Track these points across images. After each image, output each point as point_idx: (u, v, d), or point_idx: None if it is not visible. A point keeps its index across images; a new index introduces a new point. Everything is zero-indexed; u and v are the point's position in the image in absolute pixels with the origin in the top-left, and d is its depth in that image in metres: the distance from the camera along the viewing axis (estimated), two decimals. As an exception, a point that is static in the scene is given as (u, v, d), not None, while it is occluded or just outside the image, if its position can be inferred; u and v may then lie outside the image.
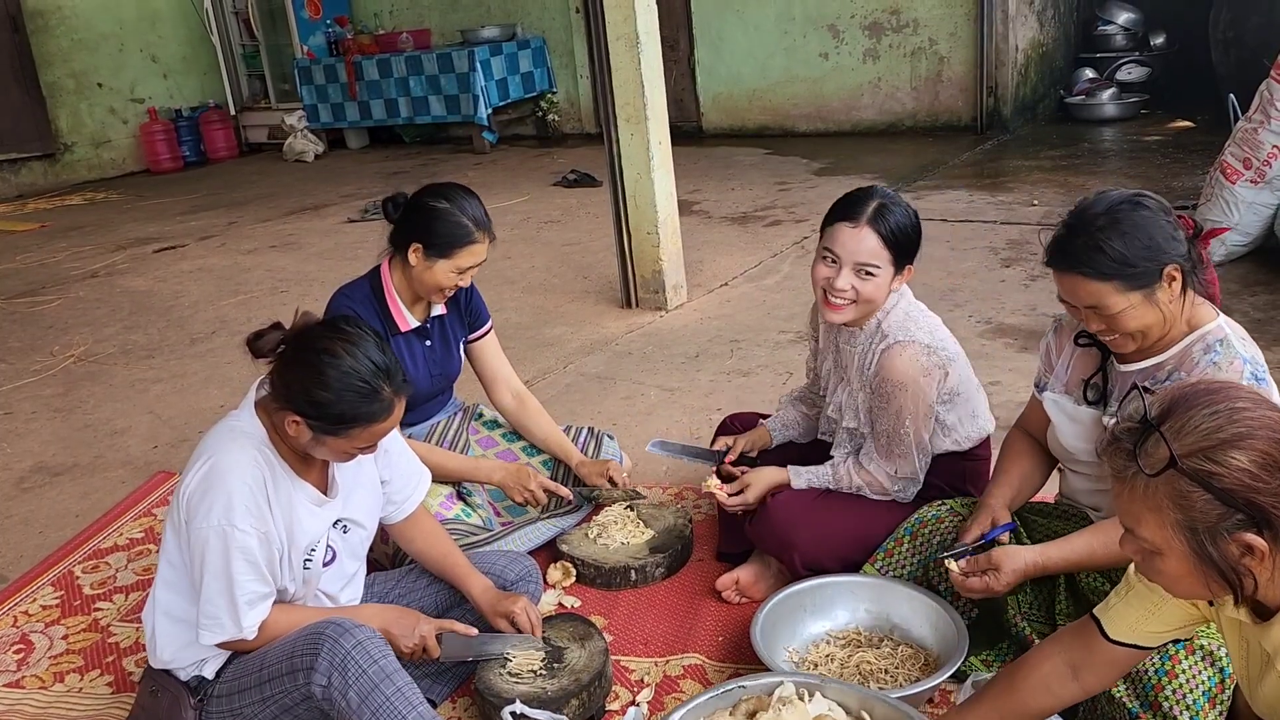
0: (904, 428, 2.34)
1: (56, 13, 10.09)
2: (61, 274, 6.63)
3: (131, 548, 3.12)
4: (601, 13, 4.43)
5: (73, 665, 2.58)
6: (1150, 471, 1.29)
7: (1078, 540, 1.99)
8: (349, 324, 1.94)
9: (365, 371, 1.86)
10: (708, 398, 3.79)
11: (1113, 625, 1.59)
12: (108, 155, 10.58)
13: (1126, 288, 1.84)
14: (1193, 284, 1.89)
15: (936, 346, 2.33)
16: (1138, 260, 1.83)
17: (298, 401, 1.87)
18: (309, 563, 2.03)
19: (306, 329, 1.93)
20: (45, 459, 3.88)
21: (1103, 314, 1.88)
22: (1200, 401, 1.30)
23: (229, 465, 1.90)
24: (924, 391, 2.32)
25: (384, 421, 1.91)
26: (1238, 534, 1.26)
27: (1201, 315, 1.93)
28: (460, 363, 2.95)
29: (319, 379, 1.85)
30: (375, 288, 2.73)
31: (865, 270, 2.29)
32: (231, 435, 1.95)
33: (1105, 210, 1.87)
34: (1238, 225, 4.47)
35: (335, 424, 1.87)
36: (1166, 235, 1.85)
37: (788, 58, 8.95)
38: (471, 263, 2.63)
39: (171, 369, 4.69)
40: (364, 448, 1.95)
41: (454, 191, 2.65)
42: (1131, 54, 8.60)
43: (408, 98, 9.88)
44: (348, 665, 1.85)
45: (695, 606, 2.55)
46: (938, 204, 6.21)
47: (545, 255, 5.99)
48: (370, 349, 1.89)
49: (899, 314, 2.37)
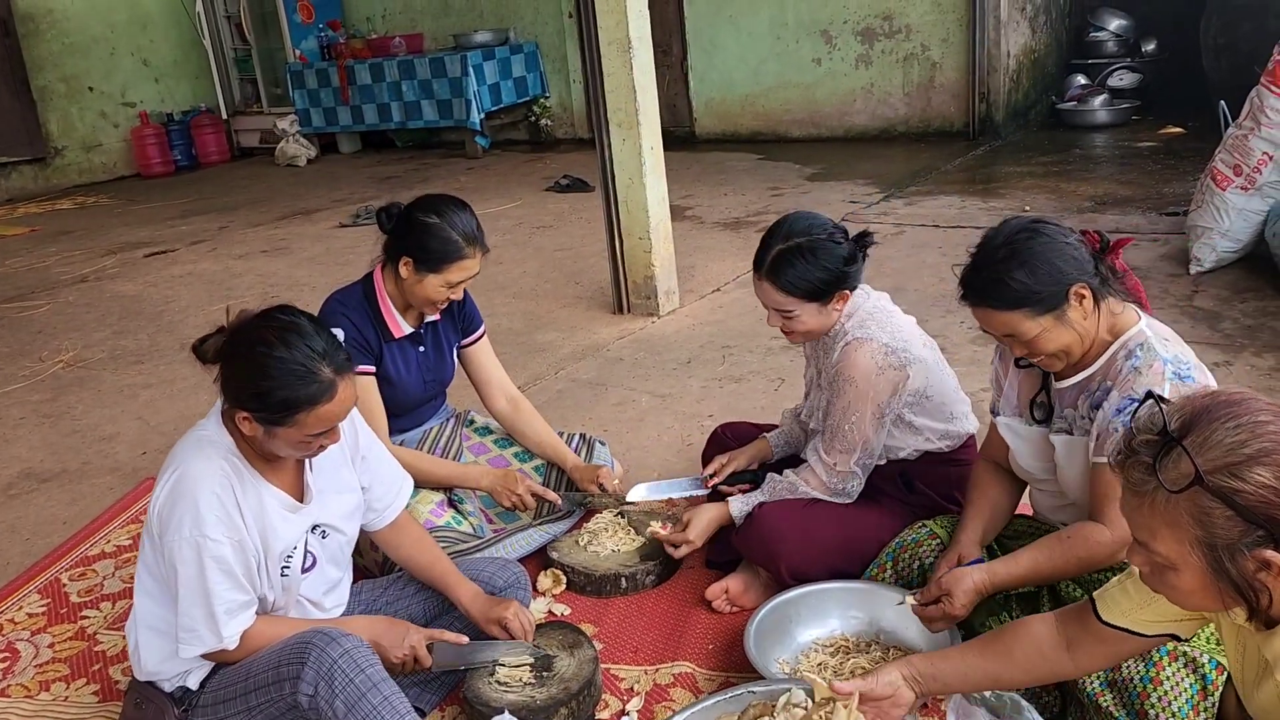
0: (848, 422, 2.35)
1: (47, 16, 10.07)
2: (51, 279, 6.61)
3: (119, 555, 3.10)
4: (594, 18, 4.43)
5: (59, 674, 2.56)
6: (1173, 488, 1.27)
7: (1024, 555, 2.02)
8: (282, 312, 1.92)
9: (300, 355, 1.84)
10: (699, 404, 3.79)
11: (1105, 608, 1.60)
12: (98, 159, 10.56)
13: (1035, 313, 1.90)
14: (1107, 297, 1.95)
15: (896, 347, 2.33)
16: (1041, 286, 1.89)
17: (242, 397, 1.87)
18: (287, 570, 2.01)
19: (242, 325, 1.91)
20: (33, 465, 3.85)
21: (1020, 340, 1.94)
22: (1222, 414, 1.28)
23: (196, 475, 1.89)
24: (875, 389, 2.32)
25: (328, 403, 1.87)
26: (1257, 550, 1.25)
27: (1124, 322, 1.97)
28: (454, 368, 2.94)
29: (255, 369, 1.84)
30: (369, 294, 2.72)
31: (784, 314, 2.36)
32: (198, 445, 1.94)
33: (1004, 242, 1.94)
34: (1228, 232, 4.48)
35: (279, 412, 1.85)
36: (1067, 257, 1.91)
37: (780, 63, 8.96)
38: (461, 278, 2.63)
39: (161, 374, 4.67)
40: (319, 434, 1.91)
41: (446, 206, 2.63)
42: (1123, 60, 8.63)
43: (400, 102, 9.87)
44: (334, 674, 1.84)
45: (686, 614, 2.53)
46: (930, 210, 6.22)
47: (537, 260, 5.98)
48: (304, 332, 1.87)
49: (862, 314, 2.39)
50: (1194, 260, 4.60)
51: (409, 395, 2.81)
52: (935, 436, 2.44)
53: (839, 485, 2.43)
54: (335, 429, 1.94)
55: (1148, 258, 4.90)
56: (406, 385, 2.77)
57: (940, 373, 2.43)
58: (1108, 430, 1.89)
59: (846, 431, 2.36)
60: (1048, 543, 2.00)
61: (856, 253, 2.36)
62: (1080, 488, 2.04)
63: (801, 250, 2.30)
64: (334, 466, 2.10)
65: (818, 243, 2.31)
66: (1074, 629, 1.65)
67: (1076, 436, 2.01)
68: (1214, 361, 3.67)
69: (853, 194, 6.83)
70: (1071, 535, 1.97)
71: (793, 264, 2.30)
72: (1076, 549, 1.94)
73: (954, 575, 2.04)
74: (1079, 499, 2.07)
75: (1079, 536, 1.95)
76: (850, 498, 2.44)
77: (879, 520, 2.44)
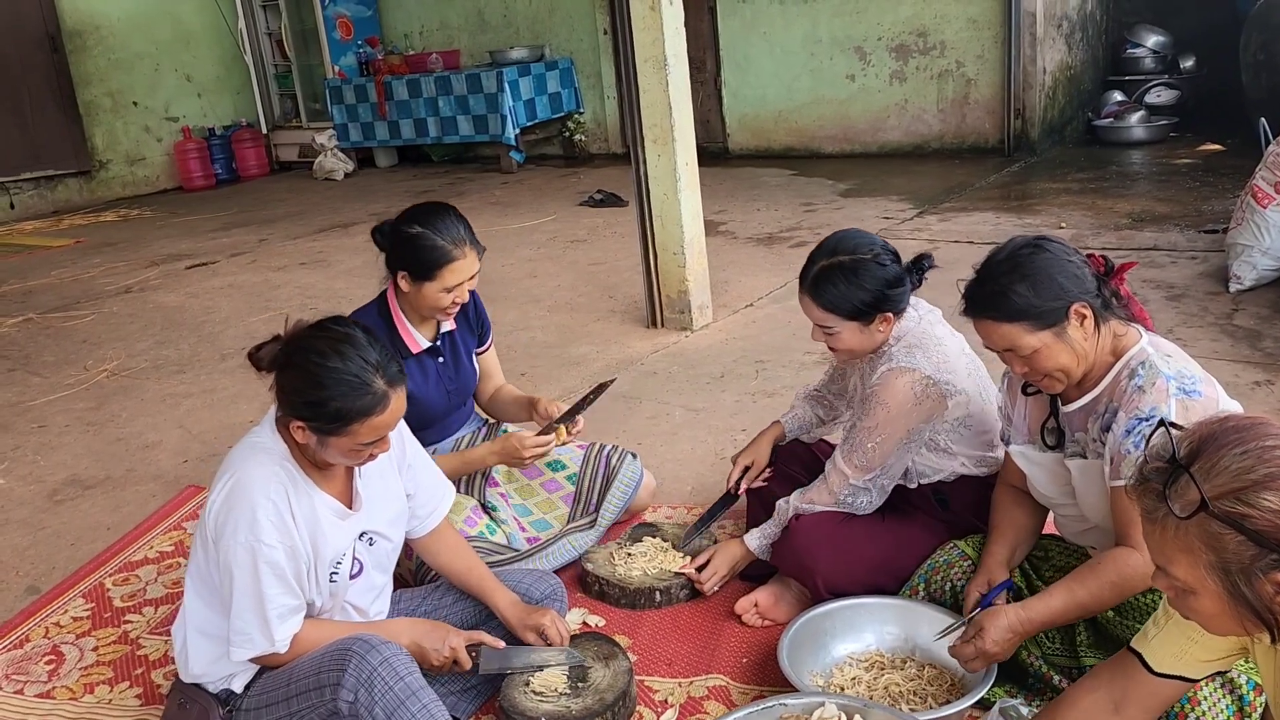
0: (873, 440, 2.35)
1: (94, 33, 10.29)
2: (95, 289, 6.73)
3: (161, 561, 3.16)
4: (630, 35, 4.47)
5: (102, 677, 2.61)
6: (1181, 514, 1.28)
7: (1058, 589, 1.99)
8: (336, 323, 1.96)
9: (354, 366, 1.87)
10: (732, 418, 3.80)
11: (1155, 657, 1.57)
12: (142, 173, 10.75)
13: (1035, 327, 1.92)
14: (1110, 319, 1.96)
15: (939, 379, 2.32)
16: (1042, 301, 1.91)
17: (296, 406, 1.90)
18: (335, 575, 2.05)
19: (297, 335, 1.95)
20: (78, 472, 3.93)
21: (1020, 355, 1.96)
22: (1230, 440, 1.28)
23: (251, 481, 1.92)
24: (907, 417, 2.32)
25: (381, 414, 1.90)
26: (1272, 573, 1.25)
27: (1126, 342, 1.97)
28: (475, 374, 2.98)
29: (310, 380, 1.87)
30: (384, 312, 2.77)
31: (825, 330, 2.36)
32: (253, 451, 1.98)
33: (1007, 257, 1.97)
34: (1269, 250, 4.43)
35: (333, 422, 1.88)
36: (1070, 275, 1.93)
37: (814, 79, 8.98)
38: (457, 280, 2.65)
39: (202, 384, 4.75)
40: (371, 444, 1.94)
41: (428, 214, 2.65)
42: (1160, 77, 8.57)
43: (436, 117, 9.98)
44: (374, 681, 1.87)
45: (719, 628, 2.54)
46: (964, 226, 6.20)
47: (571, 274, 6.02)
48: (358, 344, 1.90)
49: (910, 339, 2.37)
50: (1233, 278, 4.56)
51: (433, 408, 2.84)
52: (972, 463, 2.44)
53: (849, 498, 2.42)
54: (386, 438, 1.97)
55: (1186, 275, 4.86)
56: (429, 399, 2.80)
57: (983, 401, 2.40)
58: (1120, 453, 1.89)
59: (870, 450, 2.36)
60: (1080, 574, 1.98)
61: (905, 276, 2.34)
62: (1100, 511, 2.02)
63: (844, 268, 2.30)
64: (381, 474, 2.13)
65: (861, 262, 2.30)
66: (1119, 688, 1.60)
67: (1090, 460, 2.01)
68: (1254, 381, 3.63)
69: (886, 210, 6.82)
70: (1102, 562, 1.95)
71: (834, 281, 2.30)
72: (1110, 575, 1.92)
73: (989, 614, 2.01)
74: (1101, 522, 2.05)
75: (1110, 562, 1.93)
76: (860, 512, 2.43)
77: (915, 536, 2.43)
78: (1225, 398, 1.91)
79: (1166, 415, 1.83)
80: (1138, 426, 1.86)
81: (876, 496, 2.43)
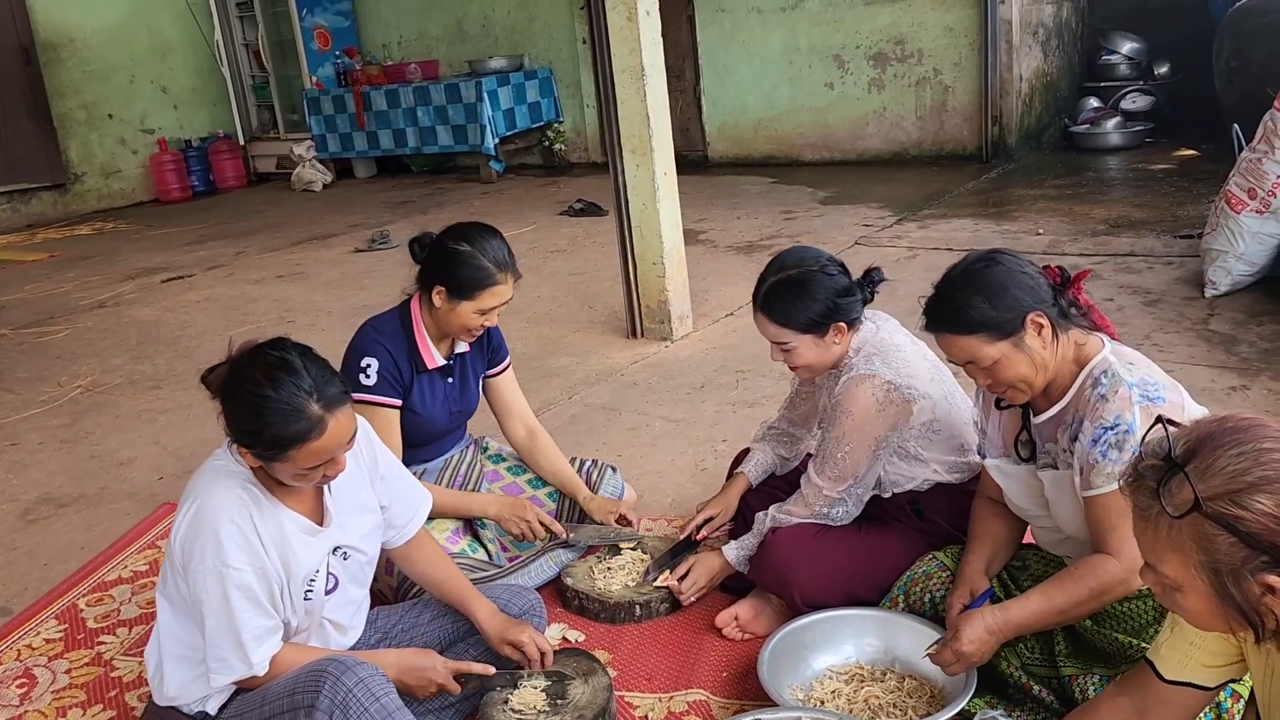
0: (841, 450, 2.36)
1: (69, 45, 10.22)
2: (69, 304, 6.67)
3: (135, 580, 3.12)
4: (607, 46, 4.47)
5: (76, 700, 2.57)
6: (1175, 513, 1.28)
7: (1035, 594, 2.01)
8: (273, 348, 1.91)
9: (286, 394, 1.83)
10: (713, 429, 3.79)
11: (1165, 665, 1.58)
12: (117, 185, 10.68)
13: (993, 338, 1.95)
14: (1070, 329, 1.98)
15: (901, 385, 2.33)
16: (997, 312, 1.95)
17: (237, 433, 1.88)
18: (310, 593, 2.02)
19: (237, 359, 1.91)
20: (51, 490, 3.88)
21: (981, 367, 1.99)
22: (1226, 441, 1.29)
23: (215, 506, 1.90)
24: (873, 424, 2.33)
25: (318, 439, 1.85)
26: (1261, 575, 1.26)
27: (1089, 351, 1.99)
28: (478, 399, 2.96)
29: (246, 408, 1.85)
30: (405, 323, 2.73)
31: (781, 346, 2.38)
32: (215, 476, 1.95)
33: (962, 272, 2.01)
34: (1243, 255, 4.47)
35: (271, 449, 1.85)
36: (1024, 286, 1.96)
37: (793, 87, 9.01)
38: (495, 303, 2.64)
39: (178, 399, 4.70)
40: (318, 466, 1.90)
41: (476, 233, 2.65)
42: (1136, 83, 8.65)
43: (415, 128, 9.97)
44: (349, 703, 1.84)
45: (700, 641, 2.53)
46: (943, 233, 6.22)
47: (551, 285, 6.01)
48: (293, 369, 1.85)
49: (869, 349, 2.39)
50: (1209, 284, 4.59)
51: (434, 427, 2.82)
52: (944, 469, 2.44)
53: (825, 510, 2.43)
54: (336, 459, 1.93)
55: (1162, 281, 4.89)
56: (432, 417, 2.78)
57: (949, 406, 2.41)
58: (1088, 463, 1.90)
59: (839, 459, 2.37)
60: (1058, 579, 2.00)
61: (853, 286, 2.37)
62: (1074, 522, 2.03)
63: (793, 281, 2.34)
64: (353, 488, 2.11)
65: (810, 274, 2.33)
66: (1140, 698, 1.62)
67: (1062, 471, 2.02)
68: (1230, 385, 3.65)
69: (866, 217, 6.84)
70: (1080, 568, 1.97)
71: (784, 296, 2.34)
72: (1087, 581, 1.93)
73: (965, 616, 2.03)
74: (1075, 532, 2.06)
75: (1087, 569, 1.94)
76: (837, 523, 2.44)
77: (891, 547, 2.43)
78: (1191, 404, 1.92)
79: (1131, 423, 1.84)
80: (1104, 435, 1.87)
81: (853, 506, 2.44)
